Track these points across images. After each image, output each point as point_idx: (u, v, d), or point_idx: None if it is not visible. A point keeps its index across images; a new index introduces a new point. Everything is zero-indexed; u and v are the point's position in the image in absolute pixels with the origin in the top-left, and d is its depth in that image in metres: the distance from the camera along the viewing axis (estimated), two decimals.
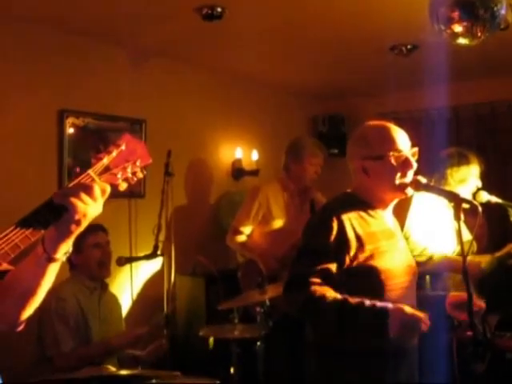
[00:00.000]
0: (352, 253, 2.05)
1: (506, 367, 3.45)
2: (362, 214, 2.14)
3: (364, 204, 2.17)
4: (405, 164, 2.13)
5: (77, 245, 1.48)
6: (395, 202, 2.23)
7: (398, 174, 2.12)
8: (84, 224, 1.43)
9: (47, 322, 3.03)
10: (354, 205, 2.15)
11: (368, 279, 2.06)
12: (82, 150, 3.92)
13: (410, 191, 2.17)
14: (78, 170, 3.74)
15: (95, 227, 3.19)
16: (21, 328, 1.58)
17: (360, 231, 2.09)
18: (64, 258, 1.48)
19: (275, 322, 3.40)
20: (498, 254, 3.46)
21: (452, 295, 2.29)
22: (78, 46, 3.94)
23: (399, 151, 2.13)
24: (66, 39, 3.86)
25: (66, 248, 1.46)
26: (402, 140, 2.17)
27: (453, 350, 2.36)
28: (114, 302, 3.52)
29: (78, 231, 1.44)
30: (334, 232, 2.05)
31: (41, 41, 3.75)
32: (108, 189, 1.47)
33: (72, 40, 3.89)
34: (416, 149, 2.17)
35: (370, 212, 2.17)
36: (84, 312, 3.15)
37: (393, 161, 2.11)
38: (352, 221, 2.10)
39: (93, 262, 3.22)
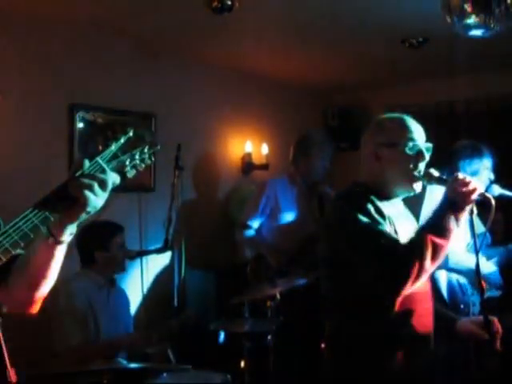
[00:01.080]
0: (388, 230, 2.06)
1: None
2: (381, 201, 2.13)
3: (376, 193, 2.16)
4: (418, 155, 2.12)
5: (104, 243, 1.51)
6: (408, 193, 2.22)
7: (411, 165, 2.11)
8: (92, 213, 1.45)
9: (56, 318, 3.04)
10: (368, 193, 2.14)
11: None
12: (92, 144, 3.92)
13: (418, 187, 2.16)
14: None
15: (120, 228, 3.24)
16: (34, 309, 1.61)
17: (385, 215, 2.08)
18: (70, 239, 1.50)
19: (286, 317, 3.40)
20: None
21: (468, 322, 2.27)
22: (89, 40, 3.94)
23: (413, 140, 2.12)
24: (77, 34, 3.86)
25: (71, 230, 1.48)
26: (418, 132, 2.17)
27: (469, 347, 2.35)
28: (123, 297, 3.52)
29: (83, 217, 1.46)
30: (372, 211, 2.04)
31: (52, 36, 3.75)
32: (118, 180, 1.48)
33: (83, 35, 3.88)
34: (431, 144, 2.16)
35: (384, 200, 2.16)
36: (93, 307, 3.16)
37: (407, 149, 2.11)
38: (377, 204, 2.09)
39: (118, 261, 3.26)
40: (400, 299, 2.02)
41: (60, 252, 1.52)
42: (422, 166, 2.14)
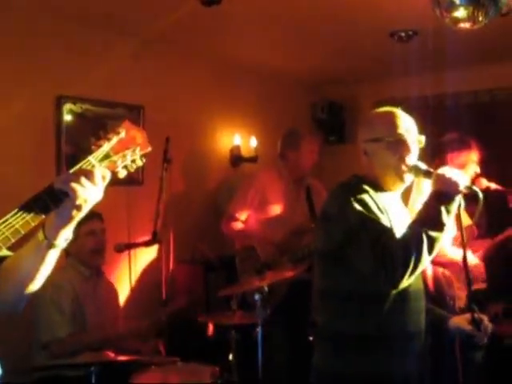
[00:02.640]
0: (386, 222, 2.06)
1: (504, 354, 3.48)
2: (376, 193, 2.14)
3: (373, 186, 2.16)
4: (402, 148, 2.12)
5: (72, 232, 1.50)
6: (401, 187, 2.22)
7: (395, 158, 2.12)
8: (85, 210, 1.44)
9: (43, 309, 3.03)
10: (366, 185, 2.15)
11: None
12: (80, 137, 3.90)
13: (408, 178, 2.16)
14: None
15: (90, 215, 3.17)
16: (19, 309, 1.60)
17: (382, 207, 2.09)
18: (64, 245, 1.49)
19: (274, 308, 3.40)
20: (498, 239, 3.47)
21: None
22: (76, 32, 3.90)
23: (398, 135, 2.12)
24: (65, 25, 3.82)
25: (66, 234, 1.47)
26: (405, 125, 2.16)
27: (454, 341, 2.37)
28: (111, 289, 3.51)
29: (78, 217, 1.45)
30: (367, 204, 2.05)
31: (39, 27, 3.72)
32: (108, 175, 1.48)
33: (70, 26, 3.85)
34: (422, 137, 2.16)
35: (381, 193, 2.16)
36: (79, 299, 3.15)
37: (388, 144, 2.12)
38: (373, 197, 2.10)
39: (87, 250, 3.21)
40: (393, 296, 2.02)
41: (52, 256, 1.50)
42: (409, 158, 2.14)
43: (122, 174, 1.55)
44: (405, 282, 1.94)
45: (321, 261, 2.21)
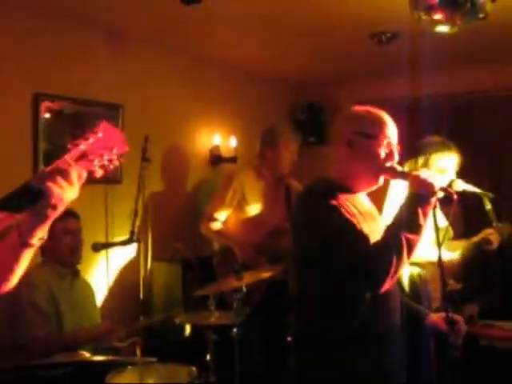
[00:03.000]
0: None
1: (480, 354, 3.51)
2: (345, 196, 2.12)
3: (342, 188, 2.15)
4: (390, 154, 2.13)
5: (47, 230, 1.49)
6: (371, 188, 2.23)
7: (379, 158, 2.11)
8: (60, 209, 1.43)
9: (18, 309, 2.99)
10: (335, 189, 2.13)
11: None
12: (58, 135, 3.87)
13: (380, 182, 2.18)
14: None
15: (66, 213, 3.14)
16: None
17: (352, 210, 2.08)
18: (39, 244, 1.48)
19: (251, 309, 3.40)
20: (474, 240, 3.51)
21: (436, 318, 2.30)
22: (54, 28, 3.87)
23: (388, 137, 2.13)
24: (42, 22, 3.79)
25: (41, 233, 1.47)
26: (394, 132, 2.17)
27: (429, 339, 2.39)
28: (87, 288, 3.49)
29: (54, 216, 1.44)
30: (340, 210, 2.04)
31: (16, 23, 3.67)
32: (84, 174, 1.47)
33: (48, 22, 3.81)
34: (399, 146, 2.17)
35: (350, 195, 2.15)
36: (55, 298, 3.12)
37: (383, 146, 2.11)
38: (343, 200, 2.09)
39: (62, 249, 3.19)
40: (371, 298, 2.02)
41: (27, 256, 1.49)
42: (391, 161, 2.15)
43: (99, 173, 1.54)
44: (386, 286, 1.95)
45: (295, 265, 2.20)
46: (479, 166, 5.00)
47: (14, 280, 1.53)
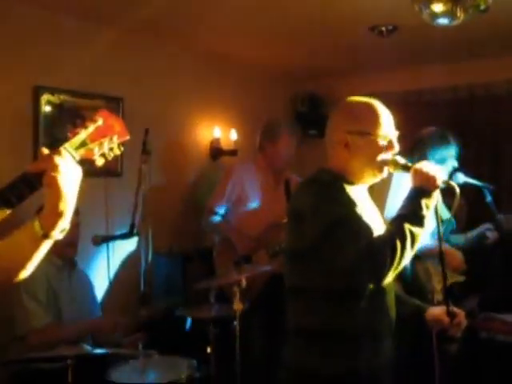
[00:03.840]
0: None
1: (479, 346, 3.52)
2: (347, 187, 2.10)
3: (344, 180, 2.13)
4: (389, 146, 2.11)
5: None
6: (375, 180, 2.21)
7: (379, 153, 2.10)
8: (69, 194, 1.43)
9: (17, 301, 3.00)
10: (338, 179, 2.11)
11: None
12: (58, 128, 3.86)
13: (384, 174, 2.16)
14: None
15: None
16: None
17: (355, 201, 2.06)
18: (60, 236, 1.48)
19: (251, 302, 3.40)
20: (473, 234, 3.51)
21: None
22: (54, 22, 3.86)
23: (386, 131, 2.11)
24: (42, 15, 3.78)
25: (62, 225, 1.45)
26: (390, 120, 2.14)
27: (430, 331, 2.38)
28: (85, 280, 3.50)
29: (67, 203, 1.44)
30: (344, 200, 2.03)
31: (16, 17, 3.66)
32: (76, 154, 1.46)
33: (48, 16, 3.80)
34: (397, 132, 2.16)
35: (350, 187, 2.12)
36: (54, 289, 3.13)
37: (380, 140, 2.09)
38: (346, 191, 2.07)
39: (59, 242, 3.18)
40: (370, 291, 2.01)
41: (45, 247, 1.52)
42: (392, 154, 2.13)
43: (100, 162, 1.54)
44: (389, 278, 1.95)
45: (291, 259, 2.17)
46: (479, 158, 4.99)
47: (30, 269, 1.54)
